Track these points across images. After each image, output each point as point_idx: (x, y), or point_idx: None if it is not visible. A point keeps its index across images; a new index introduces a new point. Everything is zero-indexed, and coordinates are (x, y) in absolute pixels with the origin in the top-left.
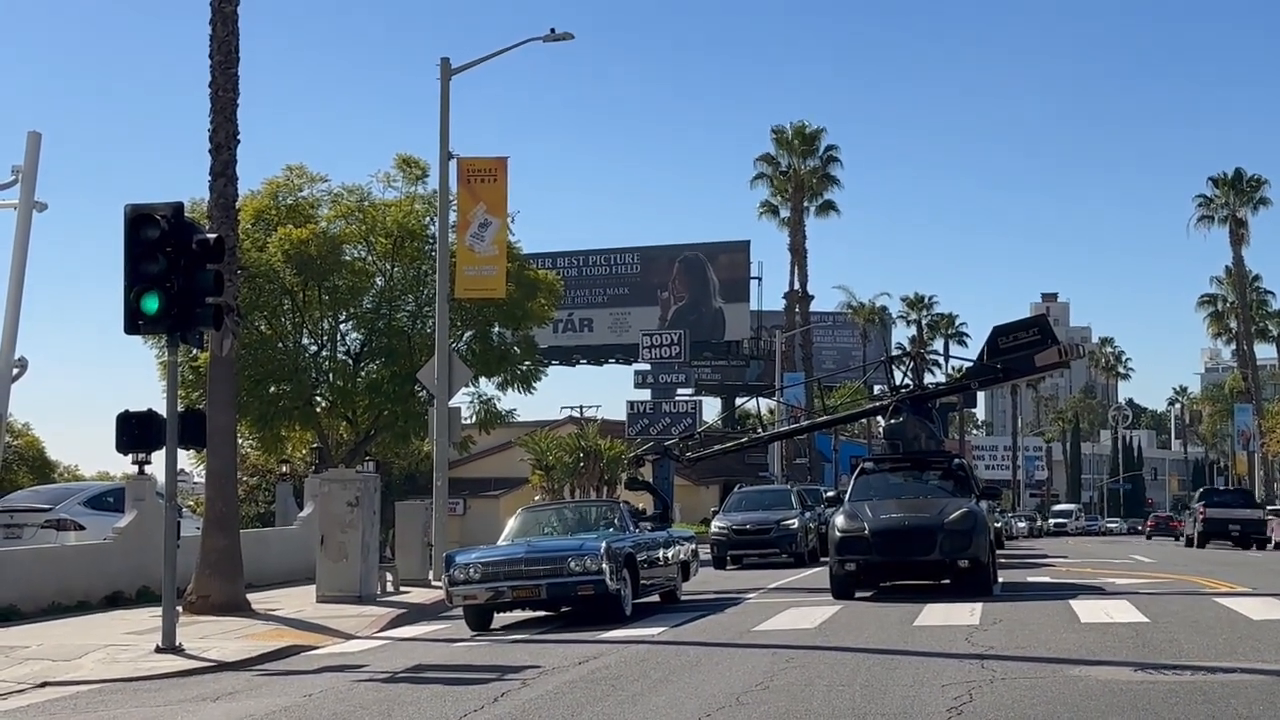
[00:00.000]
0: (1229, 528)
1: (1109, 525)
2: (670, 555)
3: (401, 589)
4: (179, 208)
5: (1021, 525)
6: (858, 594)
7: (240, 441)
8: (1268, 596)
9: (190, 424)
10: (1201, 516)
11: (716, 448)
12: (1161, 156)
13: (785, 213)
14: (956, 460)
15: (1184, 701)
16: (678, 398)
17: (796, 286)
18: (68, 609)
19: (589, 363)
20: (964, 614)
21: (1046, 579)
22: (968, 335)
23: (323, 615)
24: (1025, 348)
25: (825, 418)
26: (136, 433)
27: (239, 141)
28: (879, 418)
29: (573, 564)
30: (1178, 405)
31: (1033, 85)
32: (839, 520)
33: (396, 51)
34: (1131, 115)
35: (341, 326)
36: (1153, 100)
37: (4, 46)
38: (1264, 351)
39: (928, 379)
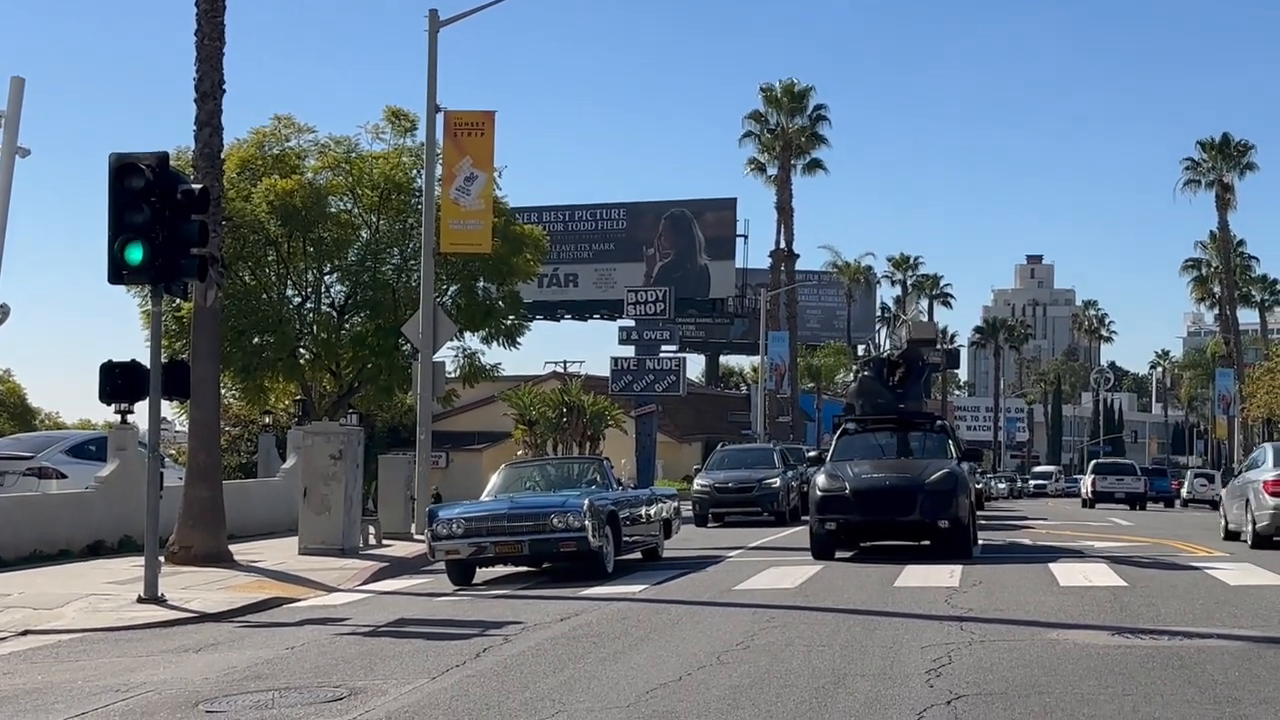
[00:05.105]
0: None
1: None
2: (653, 513)
3: (384, 542)
4: (164, 157)
5: (1001, 486)
6: (838, 554)
7: (223, 392)
8: (1245, 563)
9: (174, 374)
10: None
11: None
12: (1149, 120)
13: (773, 170)
14: (939, 421)
15: (1160, 666)
16: (662, 354)
17: (782, 244)
18: (49, 557)
19: (573, 318)
20: (944, 575)
21: (1026, 541)
22: (952, 296)
23: (305, 567)
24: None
25: None
26: (120, 383)
27: (225, 91)
28: (849, 378)
29: (555, 520)
30: (1159, 369)
31: (1021, 49)
32: (820, 479)
33: (387, 2)
34: (1120, 78)
35: (326, 279)
36: (1142, 64)
37: None
38: (1246, 316)
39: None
